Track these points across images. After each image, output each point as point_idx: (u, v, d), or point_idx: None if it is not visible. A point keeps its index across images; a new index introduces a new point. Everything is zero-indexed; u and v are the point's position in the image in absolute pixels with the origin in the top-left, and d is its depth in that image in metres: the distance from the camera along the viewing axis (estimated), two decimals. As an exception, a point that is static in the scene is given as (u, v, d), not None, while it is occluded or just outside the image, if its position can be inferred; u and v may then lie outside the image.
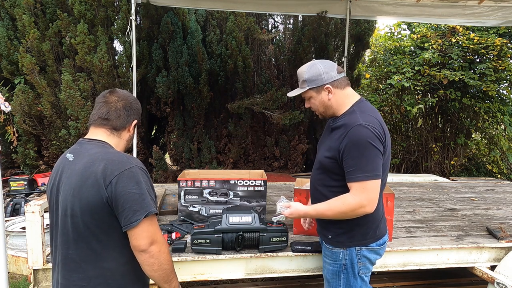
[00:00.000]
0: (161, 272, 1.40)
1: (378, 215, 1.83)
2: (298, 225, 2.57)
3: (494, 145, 7.28)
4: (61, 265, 1.44)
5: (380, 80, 7.26)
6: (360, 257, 1.82)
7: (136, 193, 1.35)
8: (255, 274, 2.28)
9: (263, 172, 2.95)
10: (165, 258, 1.41)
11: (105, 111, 1.50)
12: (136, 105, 1.59)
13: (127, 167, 1.37)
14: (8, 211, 4.30)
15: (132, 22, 4.08)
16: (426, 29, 6.94)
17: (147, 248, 1.36)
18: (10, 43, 5.49)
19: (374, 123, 1.69)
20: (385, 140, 1.71)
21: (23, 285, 3.48)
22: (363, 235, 1.80)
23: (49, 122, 5.63)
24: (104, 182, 1.34)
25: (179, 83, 5.93)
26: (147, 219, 1.36)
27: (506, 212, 3.32)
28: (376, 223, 1.83)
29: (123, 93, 1.57)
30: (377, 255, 1.87)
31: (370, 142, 1.64)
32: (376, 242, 1.83)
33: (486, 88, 6.07)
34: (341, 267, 1.84)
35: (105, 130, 1.51)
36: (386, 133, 1.74)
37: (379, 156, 1.67)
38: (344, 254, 1.82)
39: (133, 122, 1.56)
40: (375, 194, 1.68)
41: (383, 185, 1.82)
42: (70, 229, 1.39)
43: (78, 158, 1.44)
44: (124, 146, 1.58)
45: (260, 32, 6.53)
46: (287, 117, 5.99)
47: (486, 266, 2.45)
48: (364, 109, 1.76)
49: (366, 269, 1.86)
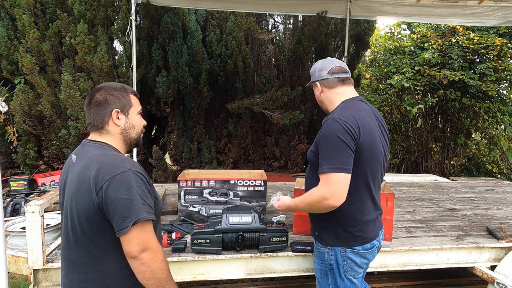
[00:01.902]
0: (154, 281, 1.34)
1: (362, 216, 1.78)
2: (298, 225, 2.57)
3: (494, 145, 7.28)
4: (64, 264, 1.45)
5: (380, 80, 7.26)
6: (345, 259, 1.80)
7: (126, 198, 1.30)
8: (255, 274, 2.28)
9: (263, 172, 2.95)
10: (159, 267, 1.34)
11: (87, 116, 1.49)
12: (110, 95, 1.47)
13: (120, 171, 1.33)
14: (8, 211, 4.30)
15: (132, 22, 4.08)
16: (426, 29, 6.94)
17: (138, 255, 1.32)
18: (10, 43, 5.49)
19: (348, 117, 1.69)
20: (358, 135, 1.67)
21: (23, 285, 3.48)
22: (346, 236, 1.79)
23: (49, 122, 5.63)
24: (95, 188, 1.32)
25: (179, 83, 5.93)
26: (137, 225, 1.31)
27: (506, 212, 3.32)
28: (359, 225, 1.78)
29: (94, 89, 1.50)
30: (364, 259, 1.83)
31: (338, 136, 1.65)
32: (362, 246, 1.79)
33: (486, 88, 6.06)
34: (327, 267, 1.85)
35: (95, 132, 1.49)
36: (364, 129, 1.69)
37: (346, 150, 1.64)
38: (330, 254, 1.83)
39: (112, 112, 1.46)
40: (339, 188, 1.64)
41: (366, 186, 1.76)
42: (70, 232, 1.40)
43: (78, 160, 1.44)
44: (123, 139, 1.51)
45: (260, 32, 6.53)
46: (287, 117, 5.99)
47: (486, 266, 2.45)
48: (347, 107, 1.80)
49: (354, 271, 1.83)
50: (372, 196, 1.80)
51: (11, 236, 2.60)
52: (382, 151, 1.81)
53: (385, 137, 1.88)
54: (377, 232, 1.88)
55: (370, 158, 1.73)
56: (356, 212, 1.77)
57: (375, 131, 1.76)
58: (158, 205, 1.51)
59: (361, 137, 1.68)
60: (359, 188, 1.74)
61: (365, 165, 1.72)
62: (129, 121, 1.50)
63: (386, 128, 1.94)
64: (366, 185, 1.77)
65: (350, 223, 1.78)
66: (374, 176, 1.79)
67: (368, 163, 1.73)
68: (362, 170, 1.72)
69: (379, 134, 1.81)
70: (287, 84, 6.49)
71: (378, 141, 1.77)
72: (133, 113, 1.52)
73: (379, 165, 1.80)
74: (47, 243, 2.24)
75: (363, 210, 1.79)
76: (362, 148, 1.69)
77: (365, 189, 1.77)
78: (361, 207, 1.78)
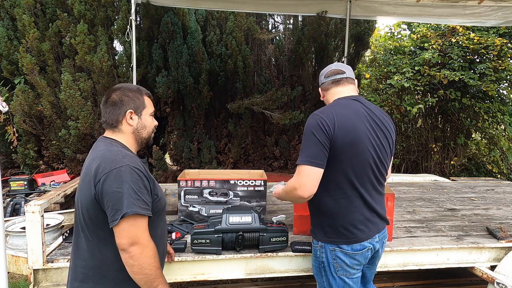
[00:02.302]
0: (142, 276, 1.38)
1: (348, 214, 1.78)
2: (298, 225, 2.58)
3: (494, 145, 7.27)
4: (72, 249, 1.55)
5: (380, 80, 7.26)
6: (335, 257, 1.81)
7: (119, 192, 1.36)
8: (255, 274, 2.28)
9: (263, 172, 2.95)
10: (147, 262, 1.38)
11: (103, 114, 1.58)
12: (125, 96, 1.55)
13: (117, 166, 1.39)
14: (8, 211, 4.29)
15: (132, 22, 4.08)
16: (426, 29, 6.93)
17: (127, 248, 1.36)
18: (10, 43, 5.49)
19: (326, 114, 1.76)
20: (332, 131, 1.71)
21: (23, 285, 3.49)
22: (332, 233, 1.81)
23: (49, 122, 5.62)
24: (94, 180, 1.39)
25: (179, 83, 5.94)
26: (128, 219, 1.35)
27: (506, 212, 3.32)
28: (345, 224, 1.78)
29: (111, 89, 1.59)
30: (354, 260, 1.81)
31: (312, 131, 1.73)
32: (350, 246, 1.78)
33: (486, 88, 6.06)
34: (320, 264, 1.88)
35: (109, 130, 1.58)
36: (341, 126, 1.72)
37: (318, 145, 1.69)
38: (321, 251, 1.86)
39: (126, 112, 1.54)
40: (307, 180, 1.69)
41: (350, 184, 1.76)
42: (77, 219, 1.50)
43: (89, 154, 1.54)
44: (134, 138, 1.58)
45: (260, 32, 6.54)
46: (287, 117, 5.99)
47: (486, 266, 2.45)
48: (334, 104, 1.87)
49: (345, 271, 1.82)
50: (361, 195, 1.78)
51: (11, 236, 2.60)
52: (372, 150, 1.78)
53: (381, 138, 1.84)
54: (371, 234, 1.83)
55: (352, 156, 1.73)
56: (341, 210, 1.79)
57: (359, 129, 1.75)
58: (160, 203, 1.56)
59: (335, 133, 1.71)
60: (341, 185, 1.76)
61: (345, 162, 1.74)
62: (142, 122, 1.58)
63: (389, 129, 1.90)
64: (349, 183, 1.76)
65: (336, 220, 1.80)
66: (361, 175, 1.77)
67: (349, 161, 1.74)
68: (342, 167, 1.74)
69: (370, 133, 1.78)
70: (287, 84, 6.49)
71: (363, 140, 1.75)
72: (146, 114, 1.59)
73: (367, 164, 1.77)
74: (47, 243, 2.24)
75: (349, 209, 1.78)
76: (340, 145, 1.71)
77: (349, 187, 1.77)
78: (346, 205, 1.78)
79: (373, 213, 1.85)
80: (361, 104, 1.86)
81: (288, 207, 3.25)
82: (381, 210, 1.89)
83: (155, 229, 1.53)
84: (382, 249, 1.95)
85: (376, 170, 1.82)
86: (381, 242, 1.91)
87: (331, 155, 1.72)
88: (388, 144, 1.89)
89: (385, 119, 1.92)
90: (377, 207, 1.85)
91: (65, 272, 2.10)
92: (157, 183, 1.58)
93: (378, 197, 1.87)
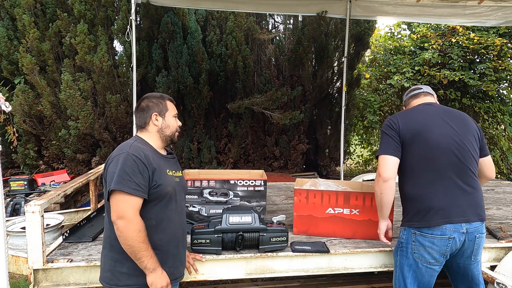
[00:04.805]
0: (127, 247, 1.60)
1: (427, 198, 1.94)
2: (298, 225, 2.58)
3: (494, 145, 7.27)
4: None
5: (380, 80, 7.26)
6: (415, 240, 1.98)
7: (114, 172, 1.62)
8: (255, 274, 2.28)
9: (263, 172, 2.95)
10: (130, 236, 1.58)
11: (135, 119, 1.92)
12: (150, 102, 1.84)
13: (121, 153, 1.67)
14: (8, 211, 4.30)
15: (132, 22, 4.08)
16: (426, 29, 6.94)
17: (115, 221, 1.60)
18: (10, 43, 5.49)
19: (393, 117, 2.13)
20: (398, 126, 2.05)
21: (23, 285, 3.49)
22: (412, 214, 2.00)
23: (49, 122, 5.63)
24: (105, 165, 1.72)
25: (179, 83, 5.94)
26: (117, 195, 1.60)
27: (506, 212, 3.31)
28: (422, 205, 1.95)
29: (141, 98, 1.89)
30: (432, 244, 1.92)
31: (383, 130, 2.12)
32: (428, 228, 1.92)
33: (486, 88, 6.07)
34: (399, 244, 2.08)
35: (139, 131, 1.89)
36: (405, 122, 2.06)
37: (388, 139, 2.05)
38: (403, 233, 2.06)
39: (152, 115, 1.82)
40: (383, 164, 2.00)
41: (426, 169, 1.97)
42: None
43: None
44: (159, 136, 1.84)
45: (260, 32, 6.53)
46: (287, 117, 5.99)
47: (486, 266, 2.45)
48: (404, 111, 2.30)
49: (421, 255, 1.96)
50: (439, 180, 1.93)
51: (11, 236, 2.60)
52: (445, 139, 1.96)
53: (456, 129, 2.00)
54: (451, 220, 1.90)
55: (422, 145, 1.97)
56: (420, 194, 1.97)
57: (424, 124, 2.01)
58: (161, 189, 1.70)
59: (400, 128, 2.01)
60: (417, 170, 1.98)
61: (417, 150, 1.98)
62: (165, 122, 1.85)
63: (466, 122, 2.08)
64: (424, 167, 1.97)
65: (414, 202, 2.00)
66: (436, 161, 1.94)
67: (421, 149, 1.97)
68: (413, 153, 1.98)
69: (439, 126, 2.00)
70: (287, 84, 6.49)
71: (431, 131, 1.98)
72: (169, 116, 1.87)
73: (440, 151, 1.95)
74: (47, 243, 2.24)
75: (429, 193, 1.95)
76: (408, 137, 1.99)
77: (426, 173, 1.96)
78: (425, 190, 1.96)
79: (454, 200, 1.92)
80: (432, 106, 2.13)
81: (288, 207, 3.24)
82: (467, 200, 1.94)
83: (162, 213, 1.72)
84: (475, 244, 1.97)
85: (457, 155, 1.95)
86: (471, 235, 1.93)
87: (405, 145, 2.00)
88: (466, 134, 2.02)
89: (462, 116, 2.13)
90: (460, 196, 1.93)
91: (65, 272, 2.10)
92: (165, 174, 1.75)
93: (463, 185, 1.95)
